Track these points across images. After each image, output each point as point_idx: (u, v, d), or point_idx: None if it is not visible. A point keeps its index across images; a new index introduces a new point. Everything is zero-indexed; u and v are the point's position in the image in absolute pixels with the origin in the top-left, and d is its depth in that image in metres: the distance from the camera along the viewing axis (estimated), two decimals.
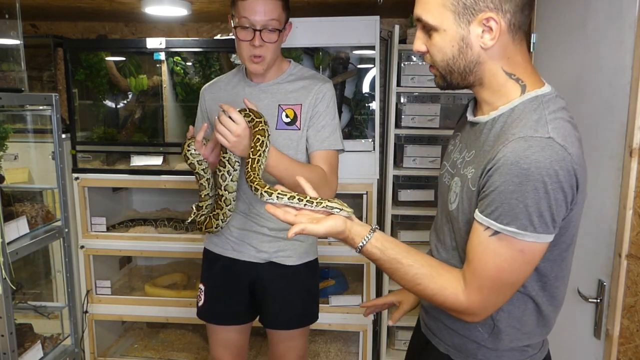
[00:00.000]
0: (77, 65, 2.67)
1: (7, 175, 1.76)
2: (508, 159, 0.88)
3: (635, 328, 1.33)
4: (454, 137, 1.17)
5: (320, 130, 1.63)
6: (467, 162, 1.02)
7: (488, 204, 0.91)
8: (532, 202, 0.87)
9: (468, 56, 0.96)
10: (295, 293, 1.75)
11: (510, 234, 0.90)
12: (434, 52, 0.98)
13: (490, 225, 0.91)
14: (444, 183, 1.13)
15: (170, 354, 2.88)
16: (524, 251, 0.91)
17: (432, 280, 0.99)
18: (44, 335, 1.88)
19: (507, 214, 0.89)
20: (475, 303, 0.96)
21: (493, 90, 1.00)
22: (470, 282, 0.96)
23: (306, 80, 1.66)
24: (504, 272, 0.93)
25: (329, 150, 1.63)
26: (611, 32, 1.41)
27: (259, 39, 1.52)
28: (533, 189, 0.86)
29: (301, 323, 1.79)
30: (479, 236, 0.94)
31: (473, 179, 0.97)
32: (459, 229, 1.03)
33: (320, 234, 0.99)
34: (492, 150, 0.93)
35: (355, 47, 2.59)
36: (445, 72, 0.99)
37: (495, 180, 0.89)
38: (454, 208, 1.03)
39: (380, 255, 1.01)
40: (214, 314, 1.80)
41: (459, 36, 0.94)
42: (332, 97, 1.66)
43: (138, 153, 2.65)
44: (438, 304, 1.01)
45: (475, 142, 1.02)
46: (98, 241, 2.69)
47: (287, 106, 1.64)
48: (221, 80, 1.81)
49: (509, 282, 0.95)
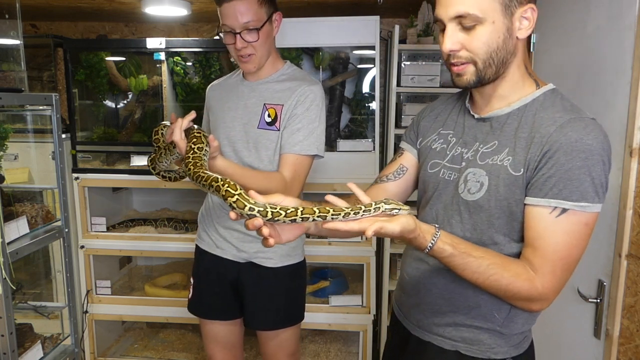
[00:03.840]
0: (77, 65, 2.67)
1: (7, 175, 1.76)
2: (571, 137, 0.95)
3: (635, 328, 1.33)
4: (440, 136, 1.19)
5: (294, 133, 1.59)
6: (487, 153, 1.06)
7: (554, 184, 0.96)
8: (597, 174, 0.95)
9: (509, 47, 1.00)
10: (275, 295, 1.75)
11: (580, 209, 0.95)
12: (477, 46, 0.99)
13: (558, 205, 0.96)
14: (442, 179, 1.14)
15: (170, 354, 2.88)
16: (588, 224, 0.97)
17: (506, 269, 0.99)
18: (44, 335, 1.88)
19: (576, 189, 0.95)
20: (549, 287, 0.99)
21: (512, 84, 1.06)
22: (541, 267, 0.98)
23: (294, 82, 1.65)
24: (574, 249, 0.98)
25: (298, 154, 1.59)
26: (611, 32, 1.41)
27: (240, 41, 1.55)
28: (597, 162, 0.94)
29: (281, 324, 1.78)
30: (544, 220, 0.97)
31: (515, 165, 1.01)
32: (482, 218, 1.05)
33: (397, 234, 0.92)
34: (537, 135, 0.99)
35: (355, 47, 2.59)
36: (484, 66, 1.01)
37: (560, 159, 0.95)
38: (479, 197, 1.04)
39: (452, 250, 0.98)
40: (201, 308, 1.84)
41: (505, 27, 0.98)
42: (314, 100, 1.61)
43: (138, 153, 2.65)
44: (512, 294, 1.00)
45: (492, 134, 1.07)
46: (98, 241, 2.69)
47: (270, 105, 1.64)
48: (223, 79, 1.84)
49: (577, 258, 1.00)
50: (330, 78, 2.68)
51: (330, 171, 2.42)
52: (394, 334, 1.30)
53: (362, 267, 2.58)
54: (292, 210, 0.92)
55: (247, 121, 1.65)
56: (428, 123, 1.25)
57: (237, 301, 1.80)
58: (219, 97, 1.75)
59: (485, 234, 1.06)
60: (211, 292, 1.80)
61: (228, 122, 1.68)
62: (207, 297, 1.81)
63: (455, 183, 1.10)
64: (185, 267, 3.04)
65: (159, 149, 1.50)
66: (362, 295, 2.59)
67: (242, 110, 1.67)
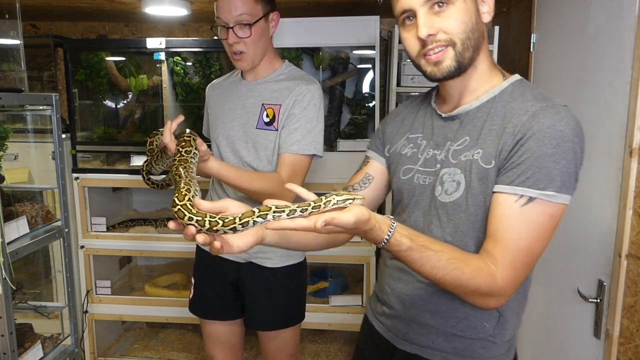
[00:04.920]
0: (77, 65, 2.67)
1: (7, 175, 1.76)
2: (543, 124, 0.92)
3: (635, 328, 1.33)
4: (409, 141, 1.14)
5: (291, 133, 1.59)
6: (460, 150, 1.02)
7: (521, 172, 0.92)
8: (566, 162, 0.91)
9: (479, 27, 0.99)
10: (275, 295, 1.75)
11: (546, 198, 0.91)
12: (455, 25, 0.96)
13: (524, 193, 0.92)
14: (418, 185, 1.09)
15: (170, 354, 2.88)
16: (553, 216, 0.93)
17: (467, 263, 0.93)
18: (44, 335, 1.88)
19: (544, 177, 0.91)
20: (508, 281, 0.94)
21: (481, 74, 1.04)
22: (501, 259, 0.93)
23: (292, 81, 1.64)
24: (536, 242, 0.94)
25: (296, 154, 1.58)
26: (611, 32, 1.41)
27: (233, 35, 1.54)
28: (568, 150, 0.91)
29: (282, 324, 1.78)
30: (509, 208, 0.93)
31: (485, 157, 0.97)
32: (462, 219, 1.01)
33: (351, 224, 0.84)
34: (509, 125, 0.96)
35: (355, 47, 2.59)
36: (463, 48, 0.98)
37: (532, 146, 0.92)
38: (458, 197, 1.00)
39: (410, 243, 0.91)
40: (201, 308, 1.84)
41: (474, 6, 0.98)
42: (312, 100, 1.60)
43: (138, 153, 2.64)
44: (472, 290, 0.94)
45: (462, 131, 1.04)
46: (98, 241, 2.69)
47: (268, 105, 1.63)
48: (222, 78, 1.84)
49: (538, 252, 0.95)
50: (330, 78, 2.68)
51: (330, 171, 2.42)
52: (372, 346, 1.22)
53: (362, 267, 2.59)
54: (230, 219, 0.85)
55: (245, 121, 1.65)
56: (394, 129, 1.21)
57: (237, 301, 1.80)
58: (219, 97, 1.75)
59: (467, 235, 1.01)
60: (212, 292, 1.80)
61: (227, 122, 1.68)
62: (207, 297, 1.81)
63: (431, 187, 1.06)
64: (185, 267, 3.04)
65: (155, 153, 1.50)
66: (362, 295, 2.59)
67: (241, 110, 1.67)
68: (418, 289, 1.08)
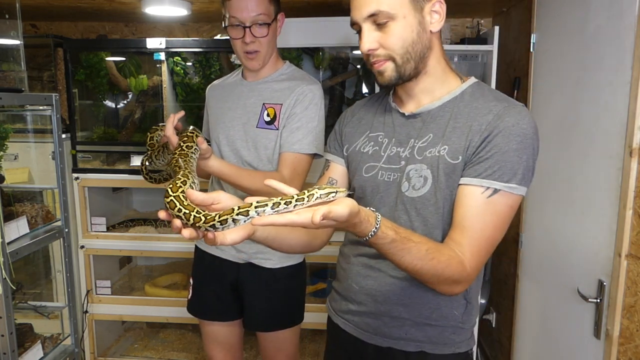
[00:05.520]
0: (77, 65, 2.67)
1: (7, 175, 1.76)
2: (509, 122, 0.99)
3: (635, 328, 1.33)
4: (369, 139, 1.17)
5: (293, 132, 1.60)
6: (424, 147, 1.07)
7: (488, 166, 0.99)
8: (527, 157, 0.99)
9: (424, 40, 1.04)
10: (275, 296, 1.75)
11: (509, 190, 0.98)
12: (392, 42, 1.02)
13: (490, 185, 0.98)
14: (382, 182, 1.11)
15: (170, 354, 2.88)
16: (513, 206, 1.01)
17: (442, 253, 0.97)
18: (44, 335, 1.88)
19: (509, 171, 0.98)
20: (474, 268, 0.99)
21: (436, 78, 1.09)
22: (469, 247, 0.98)
23: (294, 81, 1.65)
24: (498, 231, 1.01)
25: (297, 153, 1.59)
26: (611, 32, 1.41)
27: (250, 35, 1.55)
28: (529, 145, 0.99)
29: (280, 325, 1.78)
30: (476, 199, 1.00)
31: (452, 152, 1.03)
32: (431, 212, 1.05)
33: (345, 217, 0.81)
34: (475, 123, 1.02)
35: (355, 47, 2.59)
36: (402, 62, 1.03)
37: (499, 142, 0.99)
38: (426, 192, 1.05)
39: (395, 235, 0.91)
40: (200, 309, 1.84)
41: (417, 21, 1.02)
42: (313, 99, 1.61)
43: (138, 153, 2.64)
44: (445, 277, 0.97)
45: (425, 128, 1.08)
46: (98, 241, 2.69)
47: (269, 105, 1.64)
48: (222, 79, 1.84)
49: (498, 240, 1.02)
50: (330, 78, 2.68)
51: None
52: (340, 346, 1.22)
53: None
54: (211, 216, 0.83)
55: (246, 120, 1.66)
56: (352, 129, 1.23)
57: (236, 302, 1.79)
58: (219, 97, 1.76)
59: (436, 227, 1.05)
60: (211, 293, 1.80)
61: (227, 121, 1.68)
62: (206, 298, 1.81)
63: (397, 183, 1.09)
64: (185, 267, 3.04)
65: (155, 148, 1.50)
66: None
67: (242, 109, 1.67)
68: (390, 284, 1.10)
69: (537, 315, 1.88)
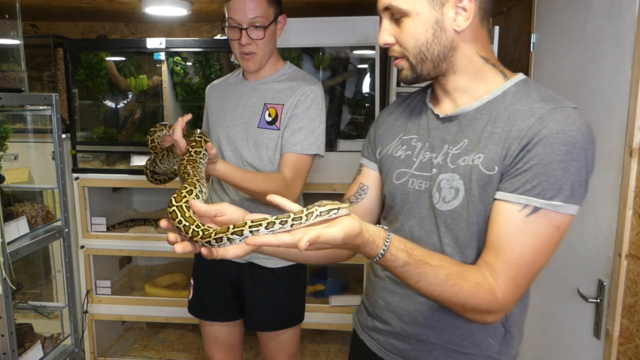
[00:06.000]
0: (77, 65, 2.67)
1: (7, 175, 1.76)
2: (552, 128, 0.85)
3: (635, 328, 1.33)
4: (402, 142, 1.07)
5: (295, 133, 1.60)
6: (458, 154, 0.95)
7: (527, 180, 0.86)
8: (576, 170, 0.85)
9: (442, 40, 0.93)
10: (275, 296, 1.75)
11: (553, 209, 0.85)
12: (405, 39, 0.93)
13: (529, 202, 0.85)
14: (412, 190, 1.02)
15: (170, 354, 2.88)
16: (559, 228, 0.87)
17: (466, 279, 0.86)
18: (44, 335, 1.88)
19: (552, 187, 0.85)
20: (508, 297, 0.87)
21: (471, 76, 0.97)
22: (503, 273, 0.87)
23: (295, 82, 1.66)
24: (541, 256, 0.87)
25: (299, 154, 1.59)
26: (611, 32, 1.41)
27: (246, 37, 1.55)
28: (579, 156, 0.85)
29: (281, 325, 1.78)
30: (512, 218, 0.87)
31: (487, 162, 0.90)
32: (463, 228, 0.94)
33: (339, 240, 0.75)
34: (514, 129, 0.89)
35: (355, 47, 2.59)
36: (416, 62, 0.94)
37: (539, 152, 0.85)
38: (457, 205, 0.93)
39: (407, 258, 0.83)
40: (201, 310, 1.84)
41: (433, 19, 0.91)
42: (315, 100, 1.62)
43: (138, 153, 2.64)
44: (471, 307, 0.87)
45: (461, 133, 0.97)
46: (98, 241, 2.69)
47: (271, 105, 1.64)
48: (222, 79, 1.84)
49: (541, 266, 0.89)
50: (330, 78, 2.68)
51: (330, 171, 2.42)
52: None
53: (362, 267, 2.58)
54: (209, 232, 0.80)
55: (247, 120, 1.66)
56: (386, 130, 1.13)
57: (237, 302, 1.80)
58: (219, 97, 1.76)
59: (468, 246, 0.94)
60: (211, 293, 1.80)
61: (228, 121, 1.68)
62: (207, 298, 1.81)
63: (428, 193, 0.99)
64: (185, 267, 3.04)
65: (159, 151, 1.49)
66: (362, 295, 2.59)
67: (242, 109, 1.67)
68: (418, 303, 1.00)
69: (537, 315, 1.88)
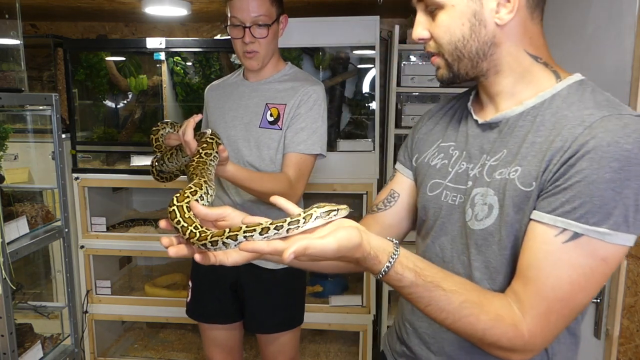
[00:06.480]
0: (77, 65, 2.67)
1: (7, 175, 1.76)
2: (602, 139, 0.71)
3: (635, 328, 1.33)
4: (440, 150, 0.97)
5: (297, 133, 1.60)
6: (495, 166, 0.84)
7: (567, 200, 0.72)
8: (632, 193, 0.70)
9: (482, 36, 0.82)
10: (276, 297, 1.74)
11: (598, 237, 0.71)
12: (440, 34, 0.83)
13: (568, 227, 0.72)
14: (445, 204, 0.91)
15: (170, 354, 2.88)
16: (607, 260, 0.72)
17: (485, 309, 0.74)
18: (44, 335, 1.88)
19: (598, 210, 0.70)
20: (538, 335, 0.74)
21: (516, 77, 0.85)
22: (531, 307, 0.74)
23: (297, 82, 1.66)
24: (580, 291, 0.73)
25: (302, 154, 1.60)
26: (611, 32, 1.41)
27: (249, 35, 1.55)
28: (636, 175, 0.70)
29: (281, 327, 1.78)
30: (547, 243, 0.74)
31: (524, 177, 0.78)
32: (495, 251, 0.82)
33: (332, 253, 0.68)
34: (558, 139, 0.76)
35: (355, 47, 2.59)
36: (452, 59, 0.84)
37: (584, 167, 0.71)
38: (489, 225, 0.82)
39: (415, 279, 0.73)
40: (199, 312, 1.83)
41: (471, 11, 0.81)
42: (317, 100, 1.62)
43: (138, 153, 2.64)
44: (489, 342, 0.75)
45: (500, 142, 0.85)
46: (98, 241, 2.69)
47: (272, 105, 1.64)
48: (222, 80, 1.84)
49: (582, 303, 0.75)
50: (330, 78, 2.68)
51: (330, 171, 2.42)
52: None
53: None
54: (205, 234, 0.77)
55: (248, 121, 1.66)
56: (424, 135, 1.03)
57: (236, 304, 1.79)
58: (219, 97, 1.75)
59: (500, 272, 0.82)
60: (211, 295, 1.79)
61: (228, 121, 1.68)
62: (206, 300, 1.80)
63: (461, 208, 0.87)
64: (185, 267, 3.04)
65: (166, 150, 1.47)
66: (362, 295, 2.59)
67: (243, 109, 1.67)
68: (446, 330, 0.83)
69: None
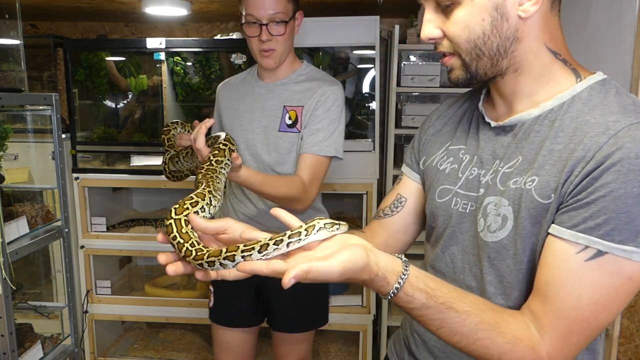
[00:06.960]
0: (77, 65, 2.67)
1: (7, 175, 1.76)
2: (630, 150, 0.66)
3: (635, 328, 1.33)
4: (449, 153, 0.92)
5: (313, 134, 1.57)
6: (509, 173, 0.78)
7: (590, 215, 0.67)
8: None
9: (504, 31, 0.75)
10: (304, 296, 1.72)
11: (624, 255, 0.66)
12: (457, 32, 0.76)
13: (591, 244, 0.67)
14: (455, 212, 0.86)
15: (170, 354, 2.88)
16: (633, 278, 0.68)
17: (501, 332, 0.70)
18: (44, 335, 1.88)
19: (624, 227, 0.66)
20: (557, 357, 0.70)
21: (535, 77, 0.79)
22: (551, 327, 0.70)
23: (314, 82, 1.62)
24: (603, 311, 0.69)
25: (317, 155, 1.56)
26: (611, 32, 1.41)
27: (266, 33, 1.52)
28: None
29: (311, 325, 1.78)
30: (567, 261, 0.69)
31: (542, 188, 0.73)
32: (509, 265, 0.77)
33: (336, 276, 0.64)
34: (580, 147, 0.70)
35: (355, 47, 2.59)
36: (471, 58, 0.77)
37: (610, 181, 0.66)
38: (503, 237, 0.77)
39: (426, 300, 0.69)
40: (222, 316, 1.79)
41: (492, 5, 0.74)
42: (335, 101, 1.59)
43: (138, 153, 2.65)
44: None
45: (515, 147, 0.80)
46: (98, 241, 2.69)
47: (290, 107, 1.61)
48: (235, 78, 1.79)
49: (604, 323, 0.71)
50: None
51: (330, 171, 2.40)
52: None
53: None
54: (202, 252, 0.72)
55: (266, 124, 1.61)
56: (432, 136, 0.97)
57: (260, 306, 1.77)
58: (233, 98, 1.70)
59: (515, 287, 0.78)
60: (235, 299, 1.75)
61: (246, 124, 1.63)
62: (231, 304, 1.77)
63: (473, 217, 0.83)
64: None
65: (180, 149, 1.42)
66: (362, 295, 2.59)
67: (260, 112, 1.63)
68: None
69: None
